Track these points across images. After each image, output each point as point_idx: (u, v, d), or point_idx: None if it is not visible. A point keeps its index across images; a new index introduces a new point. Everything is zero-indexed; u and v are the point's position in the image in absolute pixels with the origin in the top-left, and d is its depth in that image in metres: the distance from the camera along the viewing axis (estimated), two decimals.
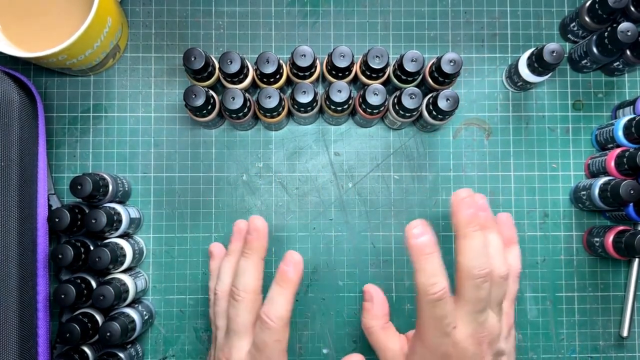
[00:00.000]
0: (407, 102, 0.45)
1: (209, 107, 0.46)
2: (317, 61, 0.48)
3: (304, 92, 0.45)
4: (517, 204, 0.51)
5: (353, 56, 0.45)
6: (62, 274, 0.48)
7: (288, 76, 0.48)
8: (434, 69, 0.46)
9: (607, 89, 0.52)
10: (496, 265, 0.38)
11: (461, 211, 0.38)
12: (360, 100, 0.46)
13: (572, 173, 0.52)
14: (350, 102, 0.46)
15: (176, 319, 0.50)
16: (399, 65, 0.45)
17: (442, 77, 0.46)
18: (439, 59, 0.45)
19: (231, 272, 0.42)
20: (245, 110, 0.45)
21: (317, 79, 0.49)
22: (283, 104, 0.47)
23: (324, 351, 0.50)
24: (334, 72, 0.47)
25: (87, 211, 0.45)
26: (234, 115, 0.46)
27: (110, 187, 0.46)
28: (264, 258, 0.42)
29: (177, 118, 0.51)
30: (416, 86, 0.48)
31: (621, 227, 0.48)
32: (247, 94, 0.46)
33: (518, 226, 0.51)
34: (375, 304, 0.44)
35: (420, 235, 0.37)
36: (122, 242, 0.46)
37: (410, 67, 0.45)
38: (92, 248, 0.45)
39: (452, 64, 0.45)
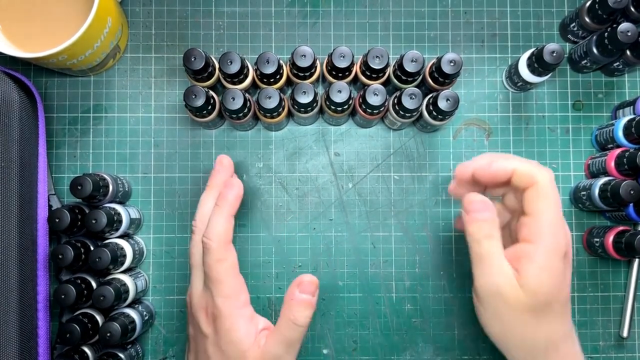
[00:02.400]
0: (407, 103, 0.45)
1: (209, 108, 0.46)
2: (317, 61, 0.48)
3: (304, 92, 0.45)
4: None
5: (353, 56, 0.45)
6: (62, 274, 0.48)
7: (288, 76, 0.48)
8: (434, 69, 0.46)
9: (607, 89, 0.52)
10: None
11: None
12: (360, 100, 0.46)
13: (572, 173, 0.52)
14: (350, 103, 0.46)
15: (176, 320, 0.50)
16: (399, 66, 0.45)
17: (442, 78, 0.46)
18: (439, 60, 0.45)
19: (207, 206, 0.42)
20: (245, 110, 0.45)
21: (317, 80, 0.49)
22: (283, 104, 0.47)
23: (324, 351, 0.50)
24: (334, 73, 0.47)
25: (87, 211, 0.45)
26: (234, 116, 0.46)
27: (111, 188, 0.46)
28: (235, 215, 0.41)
29: (177, 118, 0.51)
30: (416, 86, 0.48)
31: (621, 228, 0.48)
32: (247, 94, 0.46)
33: None
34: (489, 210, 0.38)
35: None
36: (122, 243, 0.46)
37: (410, 67, 0.45)
38: (92, 248, 0.45)
39: (452, 64, 0.45)
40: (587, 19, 0.49)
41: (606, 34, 0.46)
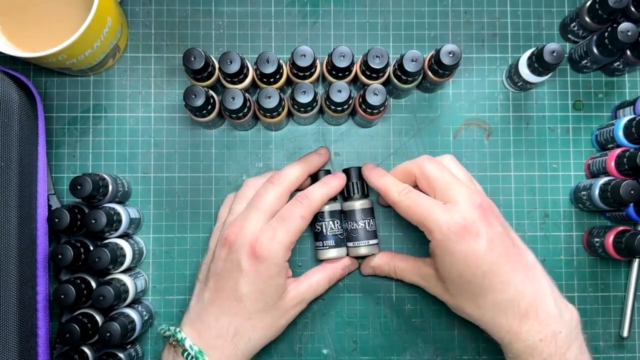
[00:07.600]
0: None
1: (209, 107, 0.46)
2: (317, 61, 0.48)
3: (304, 92, 0.45)
4: (518, 204, 0.51)
5: (353, 56, 0.45)
6: (61, 274, 0.48)
7: (288, 76, 0.48)
8: (432, 61, 0.46)
9: (608, 89, 0.52)
10: None
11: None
12: (360, 100, 0.46)
13: (573, 173, 0.52)
14: (350, 102, 0.46)
15: (176, 320, 0.50)
16: (399, 66, 0.45)
17: (442, 70, 0.46)
18: (437, 51, 0.45)
19: (294, 170, 0.47)
20: (245, 110, 0.45)
21: (317, 79, 0.49)
22: (283, 104, 0.46)
23: (324, 351, 0.50)
24: (334, 72, 0.47)
25: (87, 211, 0.45)
26: (234, 115, 0.46)
27: (110, 188, 0.46)
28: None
29: (177, 118, 0.51)
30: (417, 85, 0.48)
31: (621, 228, 0.48)
32: (247, 94, 0.46)
33: (518, 226, 0.51)
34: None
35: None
36: (122, 243, 0.46)
37: (410, 67, 0.45)
38: (91, 248, 0.45)
39: (451, 55, 0.44)
40: (587, 19, 0.48)
41: (606, 33, 0.46)
